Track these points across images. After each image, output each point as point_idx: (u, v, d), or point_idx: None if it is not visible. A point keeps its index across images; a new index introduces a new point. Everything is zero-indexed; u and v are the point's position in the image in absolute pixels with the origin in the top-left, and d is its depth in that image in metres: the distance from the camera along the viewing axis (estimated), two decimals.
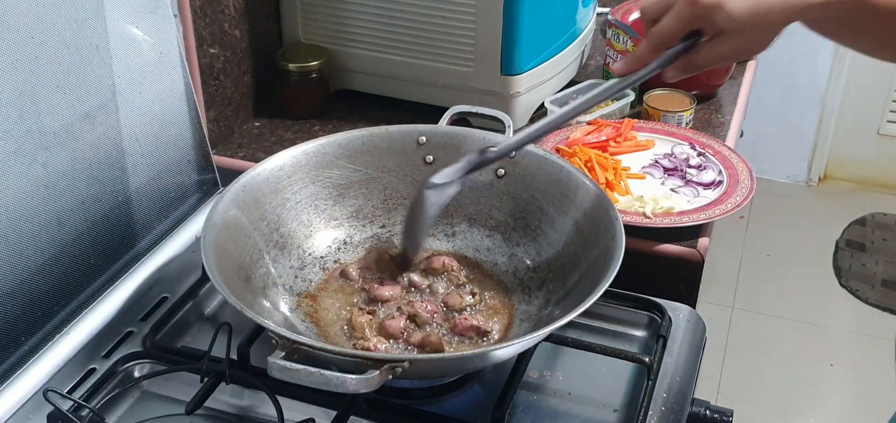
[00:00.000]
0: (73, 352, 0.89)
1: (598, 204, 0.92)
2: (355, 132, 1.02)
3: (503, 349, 0.79)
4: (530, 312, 0.93)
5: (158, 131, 1.05)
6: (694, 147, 1.30)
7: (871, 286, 2.64)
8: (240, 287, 0.86)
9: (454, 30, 1.34)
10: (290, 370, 0.70)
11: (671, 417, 0.84)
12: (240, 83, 1.40)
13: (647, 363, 0.87)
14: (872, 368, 2.36)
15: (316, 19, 1.43)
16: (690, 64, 0.85)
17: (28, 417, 0.83)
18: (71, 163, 0.91)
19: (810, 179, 3.15)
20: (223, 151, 1.35)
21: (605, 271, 0.81)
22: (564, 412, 0.85)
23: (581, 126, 1.34)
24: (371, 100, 1.46)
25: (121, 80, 0.97)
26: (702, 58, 0.84)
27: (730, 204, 1.16)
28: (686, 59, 0.84)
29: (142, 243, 1.03)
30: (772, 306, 2.57)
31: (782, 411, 2.22)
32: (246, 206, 0.93)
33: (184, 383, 0.85)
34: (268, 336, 0.74)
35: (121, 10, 0.96)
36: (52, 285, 0.90)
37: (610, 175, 1.21)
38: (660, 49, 0.84)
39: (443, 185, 0.91)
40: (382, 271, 0.97)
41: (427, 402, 0.86)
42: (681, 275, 1.12)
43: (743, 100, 1.53)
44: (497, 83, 1.34)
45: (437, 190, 0.91)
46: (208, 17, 1.28)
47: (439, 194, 0.91)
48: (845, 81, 2.94)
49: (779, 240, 2.85)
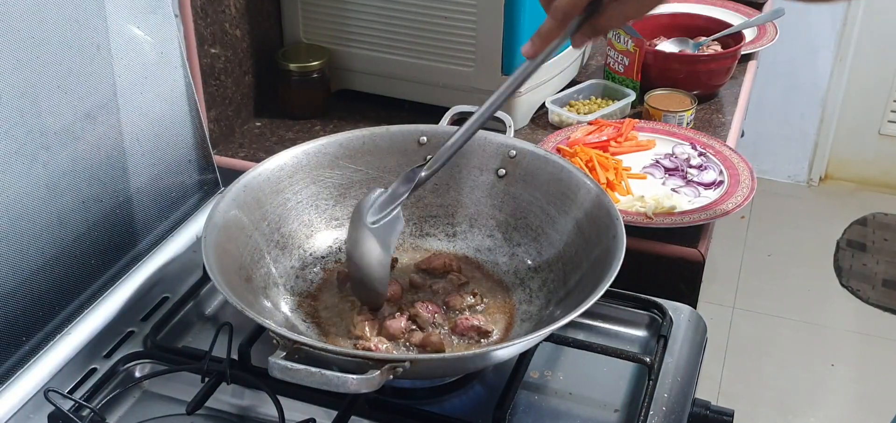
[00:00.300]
0: (74, 352, 0.89)
1: (599, 204, 0.92)
2: (356, 132, 1.02)
3: (504, 349, 0.79)
4: (531, 312, 0.93)
5: (159, 131, 1.05)
6: (695, 147, 1.30)
7: (871, 286, 2.64)
8: (241, 287, 0.86)
9: (455, 30, 1.34)
10: (291, 371, 0.70)
11: (672, 417, 0.84)
12: (241, 83, 1.40)
13: (648, 363, 0.87)
14: (873, 368, 2.36)
15: (317, 19, 1.43)
16: (595, 28, 0.84)
17: (29, 417, 0.83)
18: (72, 163, 0.91)
19: (811, 179, 3.15)
20: (224, 151, 1.35)
21: (606, 271, 0.81)
22: (565, 412, 0.85)
23: (582, 126, 1.34)
24: (372, 100, 1.46)
25: (122, 80, 0.97)
26: (605, 21, 0.84)
27: (731, 204, 1.16)
28: (590, 24, 0.84)
29: (143, 243, 1.03)
30: (773, 307, 2.57)
31: (783, 411, 2.22)
32: (247, 206, 0.93)
33: (185, 383, 0.85)
34: (269, 336, 0.74)
35: (122, 10, 0.96)
36: (53, 284, 0.90)
37: (611, 175, 1.21)
38: (565, 22, 0.84)
39: (386, 221, 0.89)
40: None
41: (428, 402, 0.86)
42: (682, 275, 1.12)
43: (744, 100, 1.53)
44: (498, 83, 1.33)
45: (382, 227, 0.89)
46: (209, 17, 1.28)
47: (386, 232, 0.89)
48: (846, 81, 2.94)
49: (780, 240, 2.85)
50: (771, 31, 1.72)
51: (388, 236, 0.89)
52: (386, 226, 0.89)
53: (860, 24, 2.84)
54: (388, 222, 0.90)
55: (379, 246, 0.88)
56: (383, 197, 0.90)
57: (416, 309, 0.90)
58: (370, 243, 0.88)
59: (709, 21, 1.65)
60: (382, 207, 0.90)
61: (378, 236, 0.89)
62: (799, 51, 2.89)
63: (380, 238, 0.89)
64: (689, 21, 1.67)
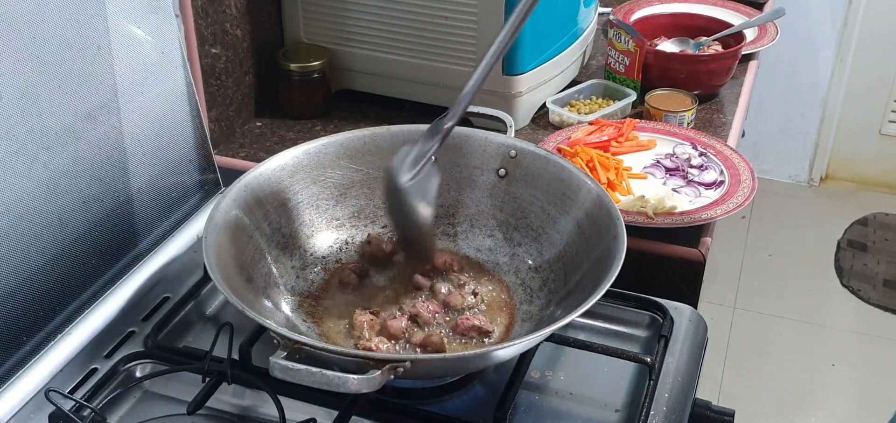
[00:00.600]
0: (74, 352, 0.89)
1: (600, 204, 0.92)
2: (357, 132, 1.02)
3: (505, 349, 0.79)
4: (532, 312, 0.93)
5: (160, 131, 1.05)
6: (695, 147, 1.30)
7: (872, 286, 2.64)
8: (241, 287, 0.85)
9: (456, 29, 1.34)
10: (292, 370, 0.70)
11: (673, 417, 0.84)
12: (241, 83, 1.40)
13: (649, 363, 0.87)
14: (874, 368, 2.36)
15: (317, 19, 1.43)
16: None
17: (30, 417, 0.83)
18: (72, 163, 0.91)
19: (812, 179, 3.14)
20: (225, 151, 1.35)
21: (607, 271, 0.81)
22: (566, 412, 0.85)
23: (583, 126, 1.34)
24: (372, 100, 1.46)
25: (122, 80, 0.97)
26: None
27: (731, 204, 1.16)
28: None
29: (143, 243, 1.03)
30: (773, 306, 2.57)
31: (784, 411, 2.22)
32: (247, 206, 0.93)
33: (185, 383, 0.85)
34: (269, 336, 0.74)
35: (122, 10, 0.96)
36: (54, 284, 0.90)
37: (611, 175, 1.21)
38: None
39: (422, 177, 0.90)
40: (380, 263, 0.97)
41: (429, 402, 0.85)
42: (682, 275, 1.12)
43: (744, 100, 1.53)
44: (499, 83, 1.34)
45: (420, 183, 0.90)
46: (210, 17, 1.28)
47: (425, 187, 0.90)
48: (847, 81, 2.94)
49: (780, 240, 2.85)
50: (772, 31, 1.72)
51: (428, 189, 0.91)
52: (423, 181, 0.91)
53: (861, 23, 2.84)
54: (424, 176, 0.91)
55: (422, 202, 0.90)
56: (412, 154, 0.91)
57: (417, 309, 0.90)
58: (413, 200, 0.90)
59: (709, 21, 1.65)
60: (413, 164, 0.91)
61: (418, 193, 0.90)
62: (800, 51, 2.89)
63: (420, 194, 0.90)
64: (689, 21, 1.67)
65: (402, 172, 0.90)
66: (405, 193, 0.90)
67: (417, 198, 0.90)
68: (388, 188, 0.92)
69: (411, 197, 0.90)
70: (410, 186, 0.90)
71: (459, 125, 1.06)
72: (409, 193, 0.90)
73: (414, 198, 0.90)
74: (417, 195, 0.90)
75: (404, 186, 0.89)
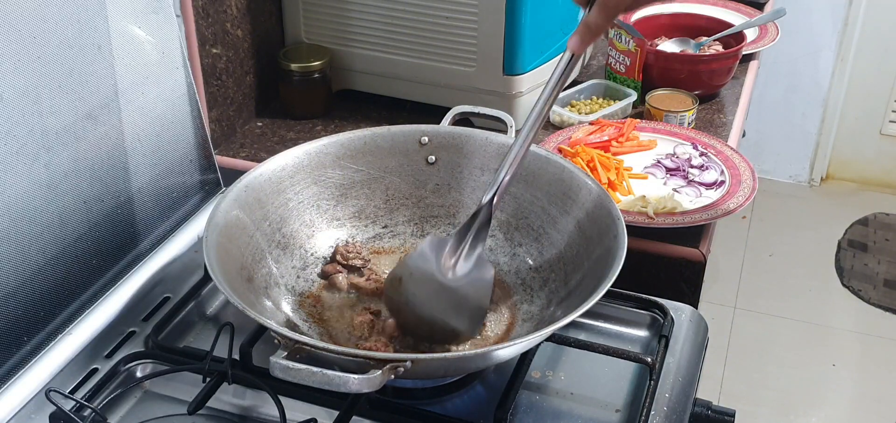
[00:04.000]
0: (75, 352, 0.89)
1: (601, 204, 0.92)
2: (357, 132, 1.02)
3: (505, 349, 0.79)
4: (532, 312, 0.93)
5: (161, 131, 1.05)
6: (696, 147, 1.30)
7: (873, 286, 2.64)
8: (242, 287, 0.85)
9: (456, 30, 1.34)
10: (293, 370, 0.69)
11: (673, 417, 0.84)
12: (242, 83, 1.40)
13: (650, 363, 0.87)
14: (875, 368, 2.36)
15: (318, 19, 1.43)
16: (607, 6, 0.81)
17: (30, 417, 0.83)
18: (73, 163, 0.91)
19: (812, 179, 3.14)
20: (225, 151, 1.35)
21: (608, 272, 0.81)
22: (567, 412, 0.85)
23: (583, 126, 1.34)
24: (373, 100, 1.46)
25: (123, 80, 0.98)
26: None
27: (732, 204, 1.16)
28: None
29: (144, 243, 1.03)
30: (774, 307, 2.57)
31: (784, 411, 2.22)
32: (248, 206, 0.93)
33: (186, 383, 0.85)
34: (270, 336, 0.74)
35: (123, 11, 0.96)
36: (55, 285, 0.90)
37: (612, 175, 1.21)
38: (613, 15, 0.81)
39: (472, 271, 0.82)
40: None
41: (429, 402, 0.85)
42: (683, 275, 1.12)
43: (745, 100, 1.53)
44: (499, 83, 1.34)
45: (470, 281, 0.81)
46: (210, 17, 1.28)
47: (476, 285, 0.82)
48: (848, 81, 2.94)
49: (781, 240, 2.85)
50: (772, 31, 1.72)
51: (481, 290, 0.82)
52: (475, 272, 0.83)
53: (862, 23, 2.84)
54: (473, 269, 0.83)
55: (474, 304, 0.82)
56: (449, 244, 0.83)
57: None
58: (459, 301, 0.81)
59: (710, 21, 1.65)
60: (453, 251, 0.82)
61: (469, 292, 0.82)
62: (800, 51, 2.89)
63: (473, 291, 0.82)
64: (690, 21, 1.67)
65: (442, 264, 0.79)
66: (452, 292, 0.80)
67: (466, 300, 0.82)
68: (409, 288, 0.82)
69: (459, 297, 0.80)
70: (459, 284, 0.80)
71: (459, 125, 1.06)
72: (458, 291, 0.80)
73: (462, 299, 0.81)
74: (467, 296, 0.81)
75: (451, 283, 0.80)
